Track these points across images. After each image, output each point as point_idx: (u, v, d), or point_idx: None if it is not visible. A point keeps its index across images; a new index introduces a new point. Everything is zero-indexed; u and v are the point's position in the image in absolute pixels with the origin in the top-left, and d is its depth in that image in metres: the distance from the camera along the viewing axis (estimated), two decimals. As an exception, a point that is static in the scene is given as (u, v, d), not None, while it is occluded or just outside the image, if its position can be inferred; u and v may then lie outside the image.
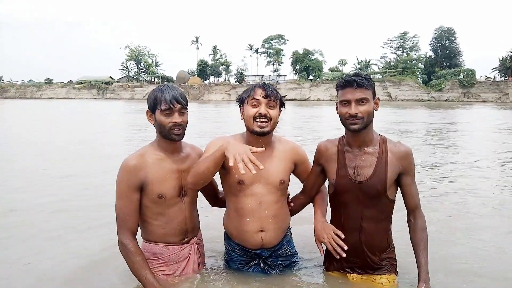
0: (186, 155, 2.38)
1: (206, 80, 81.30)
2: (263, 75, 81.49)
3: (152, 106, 2.23)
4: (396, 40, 77.67)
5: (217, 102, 57.53)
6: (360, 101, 2.17)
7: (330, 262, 2.53)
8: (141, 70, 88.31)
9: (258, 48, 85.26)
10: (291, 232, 2.66)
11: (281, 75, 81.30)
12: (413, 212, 2.35)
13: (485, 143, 11.02)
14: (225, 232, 2.58)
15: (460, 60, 72.89)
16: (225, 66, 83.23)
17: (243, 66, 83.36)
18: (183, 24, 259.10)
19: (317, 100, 63.87)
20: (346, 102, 2.21)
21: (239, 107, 2.40)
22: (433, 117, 22.92)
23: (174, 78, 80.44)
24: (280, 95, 2.37)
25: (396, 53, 77.71)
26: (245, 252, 2.49)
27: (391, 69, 70.41)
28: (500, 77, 67.31)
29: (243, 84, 74.27)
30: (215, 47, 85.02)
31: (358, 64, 78.98)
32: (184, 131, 2.27)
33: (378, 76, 69.99)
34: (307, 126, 17.12)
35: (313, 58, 74.28)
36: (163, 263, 2.35)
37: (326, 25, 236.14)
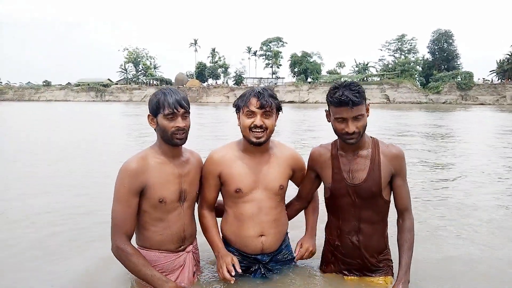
0: (186, 160, 2.35)
1: (204, 82, 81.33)
2: (261, 78, 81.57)
3: (155, 110, 2.18)
4: (394, 42, 77.86)
5: (215, 105, 57.55)
6: (356, 118, 2.15)
7: (327, 264, 2.55)
8: (140, 73, 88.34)
9: (256, 51, 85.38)
10: (288, 237, 2.67)
11: (279, 78, 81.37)
12: (403, 213, 2.37)
13: (483, 146, 11.05)
14: (223, 238, 2.53)
15: (458, 63, 73.06)
16: (223, 69, 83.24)
17: (241, 69, 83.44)
18: (181, 27, 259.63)
19: (315, 103, 63.93)
20: (342, 120, 2.17)
21: (236, 112, 2.39)
22: (434, 120, 22.96)
23: (173, 80, 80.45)
24: (276, 102, 2.31)
25: (394, 56, 77.90)
26: (245, 258, 2.46)
27: (389, 71, 70.55)
28: (498, 80, 67.55)
29: (241, 87, 74.34)
30: (213, 50, 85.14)
31: (356, 67, 79.14)
32: (187, 135, 2.23)
33: (376, 79, 70.14)
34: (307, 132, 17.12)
35: (311, 60, 74.37)
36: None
37: (324, 28, 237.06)
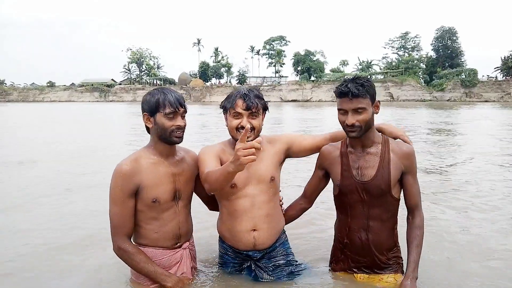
0: (180, 159, 2.37)
1: (207, 82, 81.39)
2: (264, 77, 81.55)
3: (153, 109, 2.19)
4: (397, 40, 77.62)
5: (218, 104, 57.44)
6: (356, 111, 2.16)
7: (336, 262, 2.55)
8: (143, 73, 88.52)
9: (259, 50, 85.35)
10: (286, 235, 2.65)
11: (282, 76, 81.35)
12: (413, 211, 2.37)
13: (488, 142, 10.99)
14: (219, 236, 2.58)
15: (462, 60, 72.77)
16: (226, 68, 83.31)
17: (244, 68, 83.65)
18: (185, 27, 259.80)
19: (318, 101, 63.89)
20: (343, 111, 2.20)
21: (223, 113, 2.41)
22: (444, 118, 22.86)
23: (176, 80, 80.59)
24: (262, 102, 2.35)
25: (397, 53, 77.65)
26: (237, 254, 2.49)
27: (392, 69, 70.35)
28: (502, 77, 67.16)
29: (244, 86, 74.11)
30: (216, 49, 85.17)
31: (360, 65, 78.90)
32: (183, 133, 2.28)
33: (379, 77, 69.99)
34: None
35: (314, 59, 74.29)
36: None
37: (327, 26, 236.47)
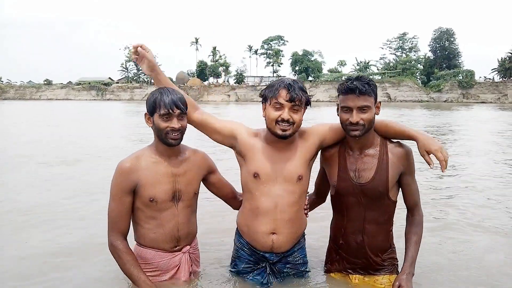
0: (183, 159, 2.33)
1: (205, 81, 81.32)
2: (262, 76, 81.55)
3: (151, 109, 2.19)
4: (395, 41, 77.87)
5: (216, 103, 57.54)
6: (361, 109, 2.12)
7: (331, 263, 2.54)
8: (141, 71, 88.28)
9: (257, 49, 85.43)
10: (305, 239, 2.54)
11: (280, 76, 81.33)
12: (412, 209, 2.37)
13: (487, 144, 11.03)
14: (237, 229, 2.51)
15: (459, 61, 73.07)
16: (224, 67, 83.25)
17: (242, 67, 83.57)
18: (182, 26, 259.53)
19: (316, 101, 63.86)
20: (348, 109, 2.16)
21: (262, 103, 2.27)
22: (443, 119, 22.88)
23: (174, 79, 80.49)
24: (306, 95, 2.20)
25: (395, 54, 77.92)
26: (253, 253, 2.41)
27: (390, 70, 70.56)
28: (499, 78, 67.45)
29: (242, 85, 74.36)
30: (214, 48, 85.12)
31: (358, 65, 79.03)
32: (182, 136, 2.22)
33: (377, 77, 70.12)
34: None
35: (312, 59, 74.45)
36: (153, 268, 2.31)
37: (325, 26, 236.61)
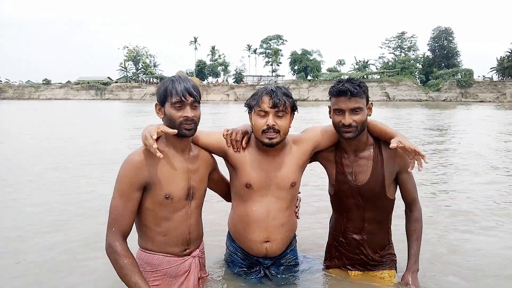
0: (195, 155, 2.19)
1: (204, 80, 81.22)
2: (261, 76, 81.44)
3: (162, 99, 2.03)
4: (394, 40, 77.84)
5: (215, 103, 57.51)
6: (354, 111, 2.14)
7: (330, 259, 2.57)
8: (140, 71, 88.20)
9: (256, 49, 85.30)
10: (296, 240, 2.56)
11: (279, 76, 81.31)
12: (410, 205, 2.40)
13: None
14: (229, 233, 2.48)
15: (458, 60, 73.07)
16: (223, 67, 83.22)
17: (241, 67, 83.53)
18: (181, 25, 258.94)
19: (315, 101, 63.89)
20: (340, 111, 2.17)
21: (248, 112, 2.23)
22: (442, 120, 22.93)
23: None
24: (290, 100, 2.15)
25: (394, 53, 77.89)
26: (247, 257, 2.40)
27: (389, 69, 70.48)
28: (498, 77, 67.53)
29: (241, 85, 74.30)
30: (213, 48, 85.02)
31: (357, 64, 79.05)
32: (196, 126, 2.07)
33: (376, 77, 70.13)
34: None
35: (311, 58, 74.31)
36: (161, 276, 2.13)
37: (324, 25, 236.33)
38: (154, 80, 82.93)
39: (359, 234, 2.37)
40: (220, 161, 2.36)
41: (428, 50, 75.02)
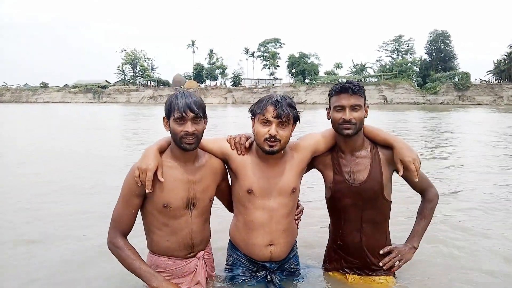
0: (200, 165, 2.26)
1: (202, 83, 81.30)
2: (259, 79, 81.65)
3: (167, 113, 2.15)
4: (391, 43, 78.14)
5: (213, 106, 57.45)
6: (353, 107, 2.24)
7: (330, 262, 2.59)
8: (137, 74, 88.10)
9: (254, 52, 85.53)
10: (297, 246, 2.62)
11: (277, 79, 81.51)
12: (423, 191, 2.46)
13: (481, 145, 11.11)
14: (231, 242, 2.51)
15: (455, 63, 73.44)
16: (221, 70, 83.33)
17: (239, 70, 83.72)
18: (179, 28, 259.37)
19: (313, 104, 63.95)
20: (340, 108, 2.26)
21: (251, 118, 2.28)
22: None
23: (170, 82, 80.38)
24: (294, 112, 2.19)
25: (391, 57, 78.18)
26: (252, 263, 2.43)
27: (386, 72, 70.71)
28: (495, 80, 67.87)
29: (239, 88, 74.43)
30: (211, 51, 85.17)
31: (354, 68, 79.27)
32: (198, 140, 2.15)
33: (373, 80, 70.30)
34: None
35: (309, 61, 74.46)
36: (169, 276, 2.25)
37: (321, 29, 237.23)
38: (152, 83, 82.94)
39: (357, 235, 2.39)
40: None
41: (425, 53, 75.42)
